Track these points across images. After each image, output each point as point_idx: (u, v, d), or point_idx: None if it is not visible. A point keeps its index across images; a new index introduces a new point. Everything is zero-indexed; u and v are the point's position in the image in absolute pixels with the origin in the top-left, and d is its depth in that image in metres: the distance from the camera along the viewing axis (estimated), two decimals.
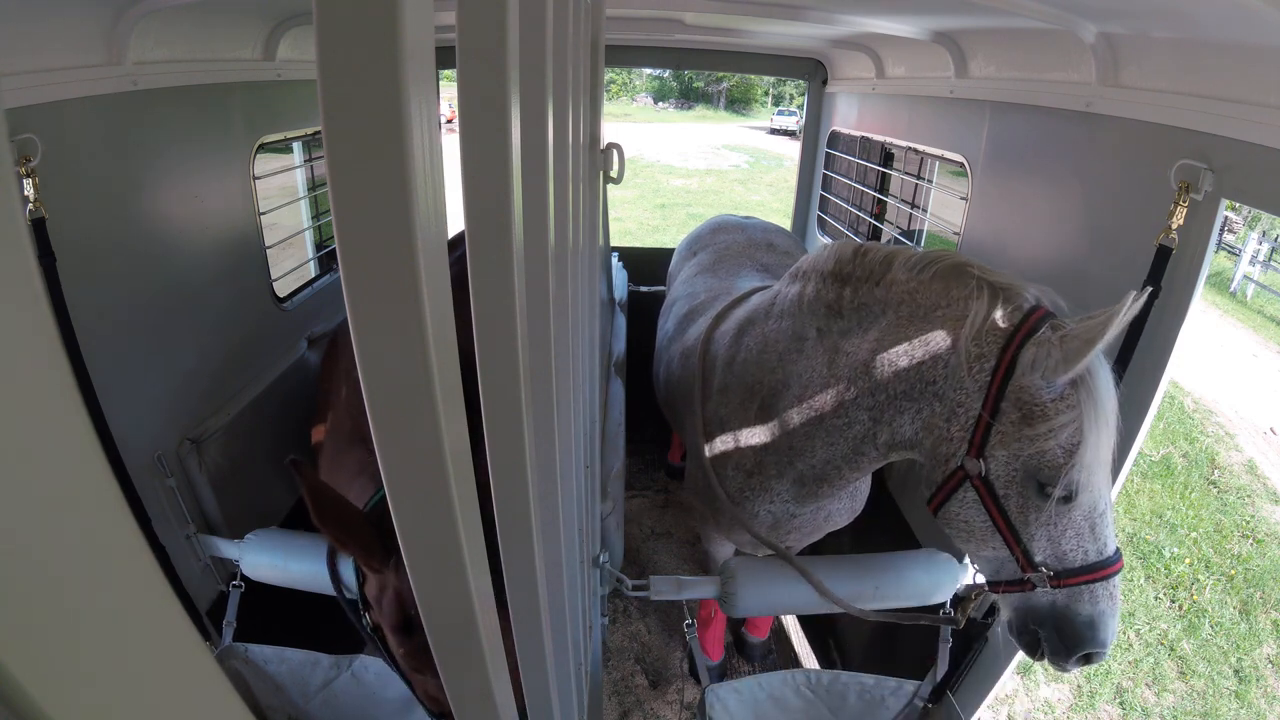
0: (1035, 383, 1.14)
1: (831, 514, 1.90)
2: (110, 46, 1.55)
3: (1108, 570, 1.19)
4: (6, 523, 0.14)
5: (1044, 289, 1.23)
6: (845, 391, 1.43)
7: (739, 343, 1.78)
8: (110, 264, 1.60)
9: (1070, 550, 1.19)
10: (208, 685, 0.23)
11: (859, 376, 1.40)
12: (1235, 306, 10.68)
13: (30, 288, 0.15)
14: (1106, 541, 1.19)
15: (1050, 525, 1.18)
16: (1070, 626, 1.22)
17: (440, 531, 0.36)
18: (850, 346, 1.43)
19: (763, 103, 42.07)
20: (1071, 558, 1.19)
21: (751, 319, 1.77)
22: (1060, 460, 1.13)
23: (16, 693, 0.15)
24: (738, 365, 1.76)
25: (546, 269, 0.57)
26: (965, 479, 1.23)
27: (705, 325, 2.02)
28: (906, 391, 1.31)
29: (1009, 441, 1.16)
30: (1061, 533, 1.19)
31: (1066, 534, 1.19)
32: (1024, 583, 1.23)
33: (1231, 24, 1.12)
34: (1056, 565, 1.20)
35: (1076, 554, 1.19)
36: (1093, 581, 1.19)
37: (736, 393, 1.74)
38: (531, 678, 0.70)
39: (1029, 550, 1.21)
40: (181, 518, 1.78)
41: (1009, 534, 1.22)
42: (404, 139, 0.25)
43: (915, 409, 1.31)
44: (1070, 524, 1.18)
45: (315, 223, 2.91)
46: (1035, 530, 1.19)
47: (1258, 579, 4.37)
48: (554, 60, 0.55)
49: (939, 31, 2.01)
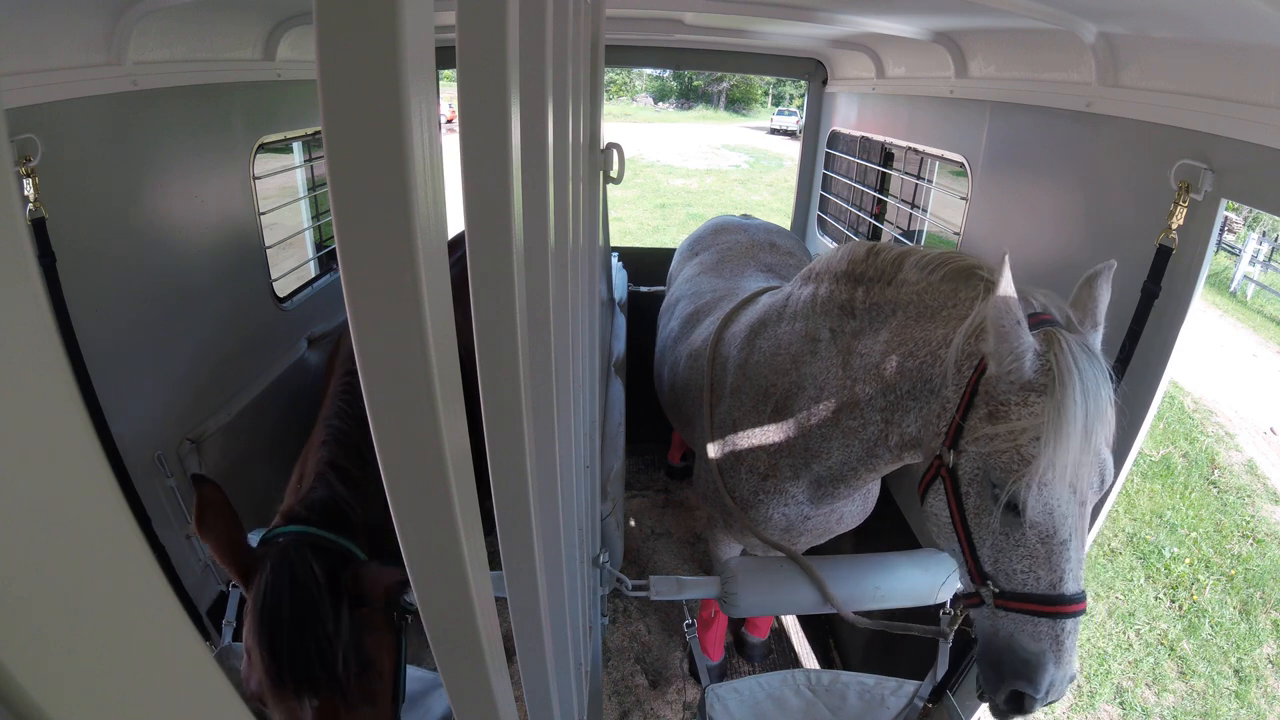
0: (1006, 381, 1.11)
1: (844, 515, 1.90)
2: (110, 46, 1.55)
3: (1055, 608, 1.10)
4: (7, 522, 0.14)
5: (1053, 296, 1.20)
6: (860, 392, 1.43)
7: (752, 345, 1.78)
8: (110, 264, 1.60)
9: (1019, 571, 1.12)
10: (208, 685, 0.23)
11: (872, 377, 1.39)
12: (1235, 306, 10.68)
13: (30, 288, 0.15)
14: (1064, 576, 1.10)
15: (999, 536, 1.13)
16: (1002, 656, 1.15)
17: (440, 531, 0.36)
18: (863, 347, 1.43)
19: (763, 103, 42.07)
20: (1019, 579, 1.12)
21: (764, 321, 1.77)
22: (1013, 466, 1.07)
23: (16, 693, 0.15)
24: (751, 367, 1.75)
25: (546, 269, 0.57)
26: (940, 469, 1.22)
27: (714, 326, 2.01)
28: (911, 391, 1.31)
29: (976, 437, 1.14)
30: (1012, 548, 1.12)
31: (1017, 552, 1.12)
32: (974, 595, 1.19)
33: (1231, 24, 1.12)
34: (1004, 584, 1.14)
35: (1026, 577, 1.12)
36: (1037, 614, 1.11)
37: (749, 395, 1.74)
38: (531, 678, 0.70)
39: (979, 557, 1.17)
40: (181, 518, 1.78)
41: (963, 534, 1.19)
42: (404, 139, 0.25)
43: (919, 408, 1.30)
44: (1022, 542, 1.11)
45: (315, 223, 2.92)
46: (985, 536, 1.15)
47: (1258, 579, 4.37)
48: (554, 60, 0.55)
49: (939, 31, 2.01)
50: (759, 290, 2.06)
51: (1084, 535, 1.12)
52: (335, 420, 1.46)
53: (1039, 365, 1.09)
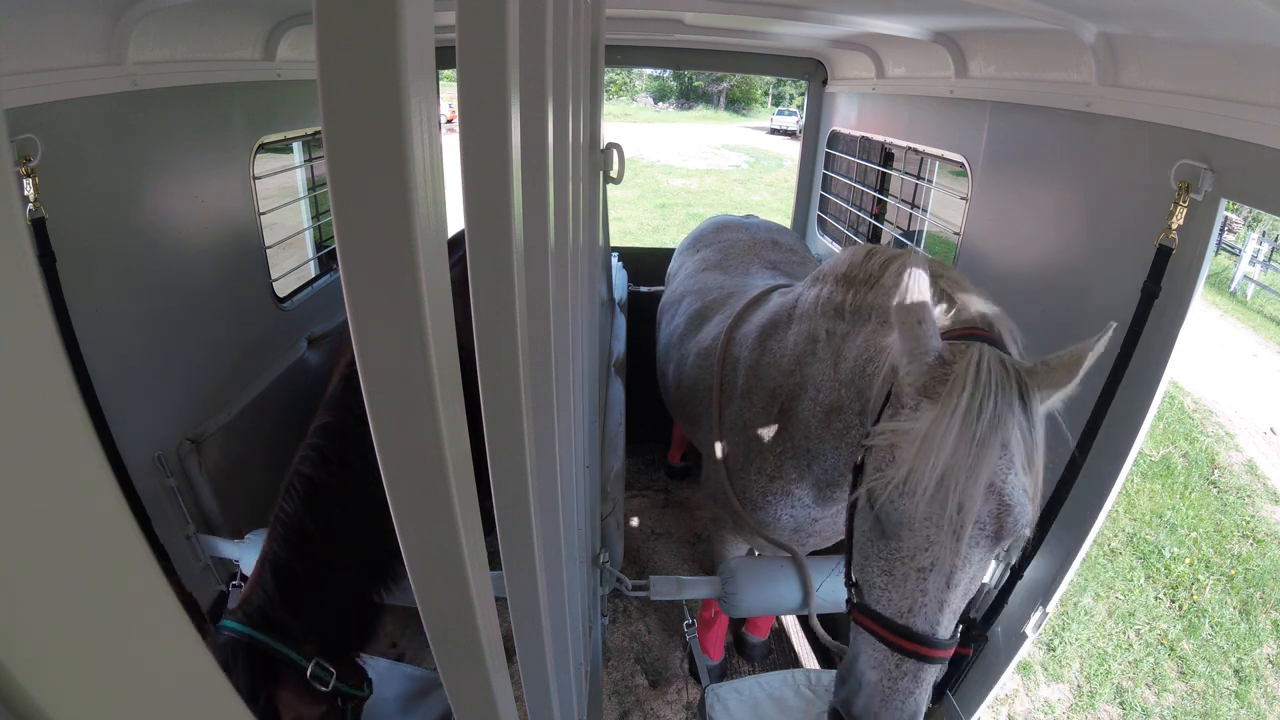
0: (906, 383, 1.09)
1: None
2: (110, 46, 1.55)
3: (898, 639, 1.03)
4: (7, 523, 0.14)
5: (1003, 318, 1.17)
6: (844, 395, 1.43)
7: (763, 346, 1.78)
8: (110, 264, 1.60)
9: (877, 585, 1.07)
10: (208, 685, 0.23)
11: (851, 380, 1.40)
12: (1235, 306, 10.67)
13: (30, 288, 0.15)
14: (915, 607, 1.02)
15: (866, 540, 1.10)
16: (848, 671, 1.11)
17: (440, 531, 0.36)
18: (849, 350, 1.43)
19: (763, 103, 42.06)
20: (875, 594, 1.07)
21: (775, 323, 1.78)
22: (882, 466, 1.05)
23: (16, 693, 0.15)
24: (761, 369, 1.75)
25: (546, 269, 0.57)
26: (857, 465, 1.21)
27: (724, 325, 2.01)
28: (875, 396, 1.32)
29: (872, 434, 1.12)
30: (875, 557, 1.08)
31: (878, 564, 1.07)
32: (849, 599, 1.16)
33: (1231, 24, 1.12)
34: (866, 593, 1.09)
35: (880, 595, 1.06)
36: (880, 639, 1.05)
37: (760, 396, 1.74)
38: (531, 678, 0.70)
39: (852, 559, 1.15)
40: (181, 518, 1.78)
41: (847, 531, 1.18)
42: (404, 139, 0.25)
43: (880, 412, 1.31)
44: (883, 554, 1.06)
45: (315, 223, 2.92)
46: (859, 538, 1.13)
47: (1258, 579, 4.37)
48: (554, 60, 0.55)
49: (939, 31, 2.01)
50: (768, 288, 2.06)
51: (964, 582, 1.03)
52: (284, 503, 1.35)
53: (941, 373, 1.05)
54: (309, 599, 1.27)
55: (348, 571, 1.33)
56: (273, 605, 1.24)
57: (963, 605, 1.05)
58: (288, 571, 1.27)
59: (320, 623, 1.28)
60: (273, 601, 1.25)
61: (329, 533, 1.30)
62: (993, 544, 1.02)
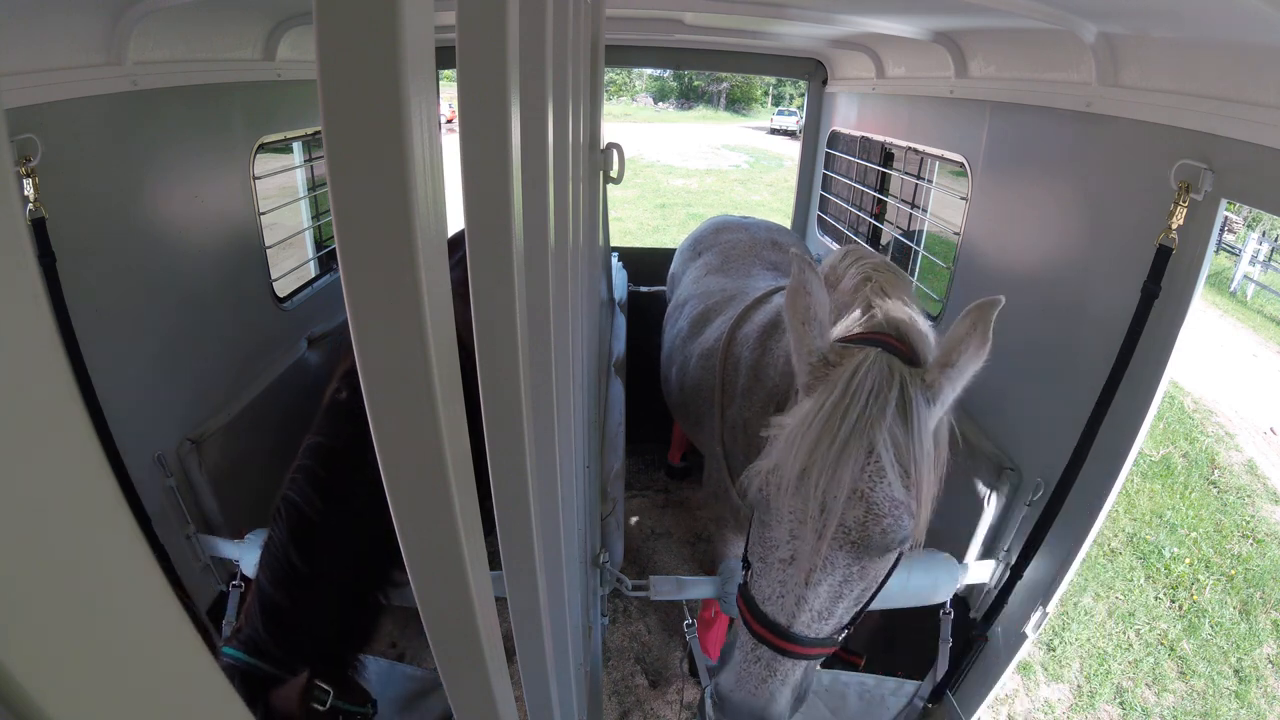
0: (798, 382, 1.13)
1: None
2: (110, 46, 1.55)
3: (756, 625, 1.05)
4: (7, 523, 0.14)
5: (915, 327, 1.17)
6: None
7: (763, 345, 1.80)
8: (110, 264, 1.60)
9: (755, 569, 1.10)
10: (208, 685, 0.23)
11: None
12: (1235, 306, 10.67)
13: (30, 288, 0.15)
14: (776, 599, 1.04)
15: (755, 524, 1.12)
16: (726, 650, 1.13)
17: (440, 531, 0.36)
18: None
19: (763, 103, 42.06)
20: (753, 578, 1.10)
21: (775, 323, 1.80)
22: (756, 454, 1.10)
23: (16, 693, 0.15)
24: (762, 369, 1.77)
25: (546, 269, 0.57)
26: None
27: (726, 326, 2.02)
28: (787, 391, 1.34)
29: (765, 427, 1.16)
30: (756, 541, 1.11)
31: (758, 549, 1.10)
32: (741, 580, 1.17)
33: (1231, 24, 1.12)
34: (752, 576, 1.11)
35: (756, 580, 1.09)
36: (743, 618, 1.08)
37: (760, 396, 1.75)
38: (531, 678, 0.70)
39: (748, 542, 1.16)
40: (181, 518, 1.78)
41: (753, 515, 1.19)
42: (404, 139, 0.25)
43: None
44: (762, 541, 1.09)
45: (315, 223, 2.91)
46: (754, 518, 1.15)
47: (1258, 579, 4.37)
48: (554, 60, 0.55)
49: (939, 31, 2.01)
50: (770, 290, 2.07)
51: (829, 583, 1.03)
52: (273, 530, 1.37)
53: (823, 373, 1.07)
54: (298, 632, 1.30)
55: (335, 601, 1.35)
56: (262, 639, 1.28)
57: (837, 609, 1.05)
58: (274, 608, 1.30)
59: (310, 648, 1.30)
60: (262, 635, 1.28)
61: (315, 572, 1.33)
62: (861, 551, 1.01)
